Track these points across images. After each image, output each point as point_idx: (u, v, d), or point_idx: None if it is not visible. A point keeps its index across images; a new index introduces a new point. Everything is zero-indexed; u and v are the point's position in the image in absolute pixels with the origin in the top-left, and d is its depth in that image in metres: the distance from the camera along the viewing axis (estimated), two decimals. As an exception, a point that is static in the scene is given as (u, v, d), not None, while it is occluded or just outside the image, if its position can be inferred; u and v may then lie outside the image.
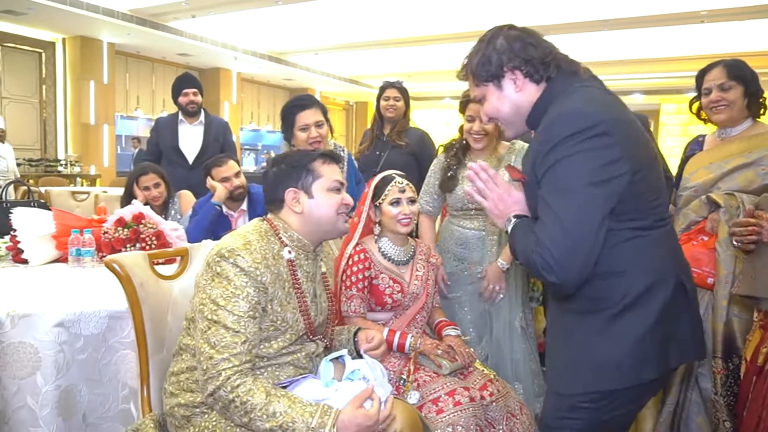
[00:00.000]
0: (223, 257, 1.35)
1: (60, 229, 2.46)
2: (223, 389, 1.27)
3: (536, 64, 1.32)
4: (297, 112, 2.30)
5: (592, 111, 1.21)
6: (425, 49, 11.14)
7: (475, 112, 2.22)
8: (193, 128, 3.78)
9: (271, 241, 1.45)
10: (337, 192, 1.50)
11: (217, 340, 1.30)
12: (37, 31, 9.61)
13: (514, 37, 1.34)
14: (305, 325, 1.46)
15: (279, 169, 1.50)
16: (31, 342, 1.68)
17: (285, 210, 1.49)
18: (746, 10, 7.63)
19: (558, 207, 1.18)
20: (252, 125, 14.34)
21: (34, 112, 10.00)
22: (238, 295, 1.32)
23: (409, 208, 1.96)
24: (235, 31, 10.31)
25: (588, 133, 1.17)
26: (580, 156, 1.17)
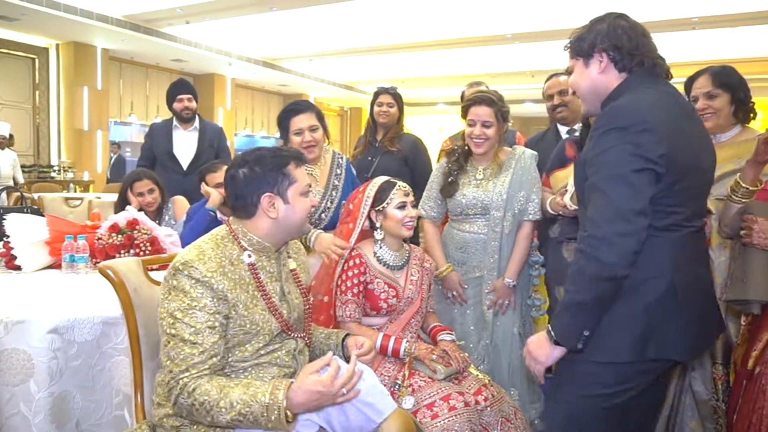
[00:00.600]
0: (178, 270, 1.35)
1: (53, 235, 2.45)
2: (182, 396, 1.29)
3: (623, 53, 1.41)
4: (291, 117, 2.31)
5: (644, 111, 1.32)
6: (419, 55, 11.19)
7: (476, 116, 2.21)
8: (187, 134, 3.78)
9: (228, 247, 1.44)
10: (306, 196, 1.49)
11: (176, 353, 1.30)
12: (31, 36, 9.59)
13: (616, 25, 1.43)
14: (279, 324, 1.45)
15: (251, 171, 1.44)
16: (24, 349, 1.67)
17: (258, 215, 1.45)
18: (737, 17, 7.71)
19: (610, 190, 1.28)
20: (246, 131, 14.34)
21: (27, 117, 9.97)
22: (194, 307, 1.32)
23: (414, 212, 1.99)
24: (230, 37, 10.33)
25: (633, 129, 1.29)
26: (626, 147, 1.28)
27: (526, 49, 10.36)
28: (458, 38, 9.85)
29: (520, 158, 2.30)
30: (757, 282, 1.56)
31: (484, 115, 2.20)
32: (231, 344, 1.39)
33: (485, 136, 2.22)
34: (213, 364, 1.32)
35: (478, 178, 2.30)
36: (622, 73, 1.43)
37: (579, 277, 1.31)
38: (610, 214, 1.27)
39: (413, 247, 2.14)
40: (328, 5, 8.06)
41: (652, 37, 1.46)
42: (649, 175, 1.28)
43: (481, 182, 2.29)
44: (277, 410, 1.24)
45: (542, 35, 9.32)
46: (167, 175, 3.51)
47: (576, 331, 1.33)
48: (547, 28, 8.96)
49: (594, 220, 1.30)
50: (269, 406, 1.24)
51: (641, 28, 1.45)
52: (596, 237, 1.28)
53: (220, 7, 8.30)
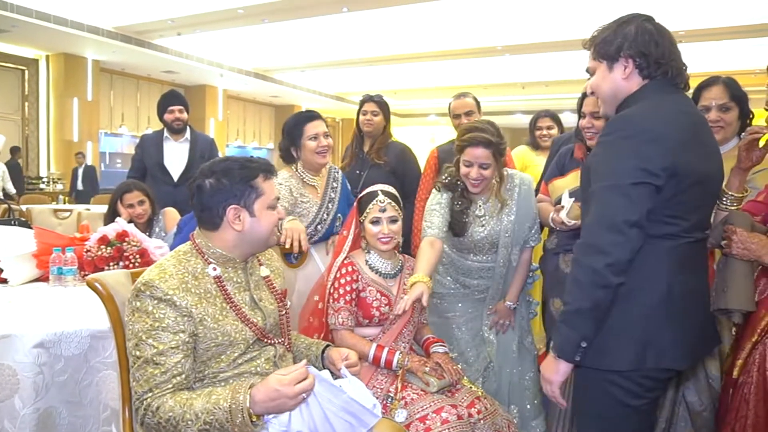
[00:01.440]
0: (140, 291, 1.34)
1: (41, 247, 2.42)
2: (147, 416, 1.28)
3: (650, 60, 1.38)
4: (306, 123, 2.36)
5: (653, 121, 1.31)
6: (410, 66, 11.27)
7: (473, 157, 2.06)
8: (178, 145, 3.76)
9: (191, 262, 1.42)
10: (274, 209, 1.46)
11: (141, 374, 1.30)
12: (21, 48, 9.56)
13: (644, 30, 1.39)
14: (254, 332, 1.44)
15: (218, 182, 1.41)
16: (9, 364, 1.64)
17: (223, 227, 1.43)
18: (725, 30, 7.84)
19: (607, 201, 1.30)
20: (238, 142, 14.34)
21: (16, 129, 9.92)
22: (157, 328, 1.31)
23: (389, 228, 1.93)
24: (221, 49, 10.35)
25: (639, 138, 1.29)
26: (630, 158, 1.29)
27: (516, 60, 10.46)
28: (449, 50, 9.94)
29: (519, 187, 2.21)
30: (737, 291, 1.56)
31: (482, 157, 2.05)
32: (205, 357, 1.38)
33: (482, 177, 2.09)
34: (177, 383, 1.31)
35: (479, 215, 2.20)
36: (645, 80, 1.41)
37: (575, 286, 1.32)
38: (605, 223, 1.28)
39: (406, 257, 2.13)
40: (319, 17, 8.11)
41: (677, 42, 1.44)
42: (648, 188, 1.28)
43: (484, 218, 2.20)
44: (240, 413, 1.24)
45: (532, 47, 9.43)
46: (158, 187, 3.49)
47: (574, 342, 1.33)
48: (536, 41, 9.07)
49: (589, 229, 1.32)
50: (232, 410, 1.24)
51: (669, 34, 1.42)
52: (589, 245, 1.30)
53: (212, 19, 8.33)
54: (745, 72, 9.92)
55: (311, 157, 2.35)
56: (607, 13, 6.42)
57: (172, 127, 3.70)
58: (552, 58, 9.84)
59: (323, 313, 1.98)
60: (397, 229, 1.96)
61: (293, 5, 7.60)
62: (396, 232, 1.96)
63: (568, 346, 1.34)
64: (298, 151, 2.37)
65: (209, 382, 1.38)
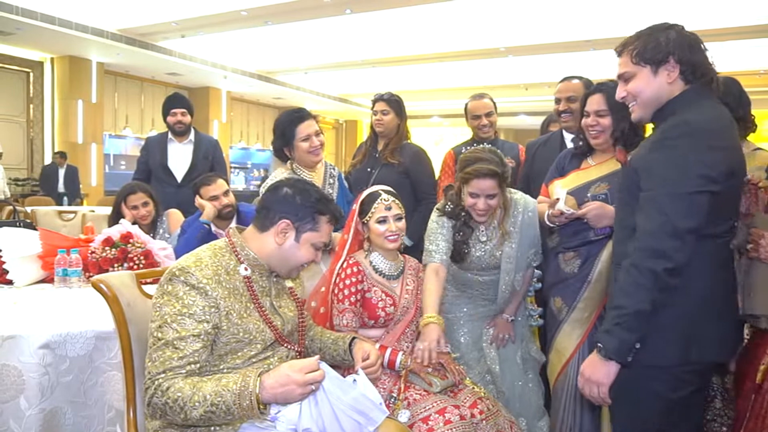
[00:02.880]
0: (174, 275, 1.38)
1: (46, 249, 2.43)
2: (156, 396, 1.30)
3: (695, 67, 1.44)
4: (297, 124, 2.37)
5: (714, 128, 1.37)
6: (413, 68, 11.26)
7: (479, 189, 2.03)
8: (182, 147, 3.79)
9: (225, 257, 1.47)
10: (317, 250, 1.53)
11: (157, 355, 1.33)
12: (26, 50, 9.60)
13: (686, 35, 1.45)
14: (273, 334, 1.48)
15: (292, 196, 1.50)
16: (15, 365, 1.65)
17: (269, 233, 1.49)
18: (725, 31, 7.80)
19: (669, 207, 1.35)
20: (241, 144, 14.36)
21: (21, 131, 9.96)
22: (184, 314, 1.35)
23: (396, 225, 1.95)
24: (225, 51, 10.37)
25: (703, 143, 1.34)
26: (692, 166, 1.34)
27: (520, 62, 10.44)
28: (452, 52, 9.93)
29: (523, 214, 2.17)
30: (763, 296, 1.54)
31: (489, 189, 2.02)
32: (223, 351, 1.41)
33: (489, 207, 2.06)
34: (190, 370, 1.33)
35: (482, 240, 2.16)
36: (687, 84, 1.45)
37: (634, 289, 1.36)
38: (668, 230, 1.34)
39: (408, 257, 2.13)
40: (322, 19, 8.12)
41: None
42: (708, 196, 1.34)
43: (487, 244, 2.16)
44: (249, 396, 1.26)
45: (535, 49, 9.41)
46: (162, 188, 3.51)
47: (630, 344, 1.38)
48: (539, 42, 9.05)
49: (650, 233, 1.36)
50: (241, 392, 1.26)
51: (701, 41, 1.48)
52: (651, 249, 1.35)
53: (216, 21, 8.34)
54: (750, 72, 9.91)
55: (305, 156, 2.40)
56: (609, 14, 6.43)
57: (174, 130, 3.74)
58: (555, 59, 9.82)
59: (325, 318, 1.97)
60: (402, 227, 1.98)
61: (296, 7, 7.61)
62: (402, 230, 1.97)
63: (624, 347, 1.38)
64: (291, 151, 2.40)
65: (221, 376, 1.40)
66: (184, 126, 3.74)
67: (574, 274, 2.10)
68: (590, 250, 2.07)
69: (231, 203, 2.85)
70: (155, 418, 1.37)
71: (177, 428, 1.38)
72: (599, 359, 1.42)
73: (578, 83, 2.70)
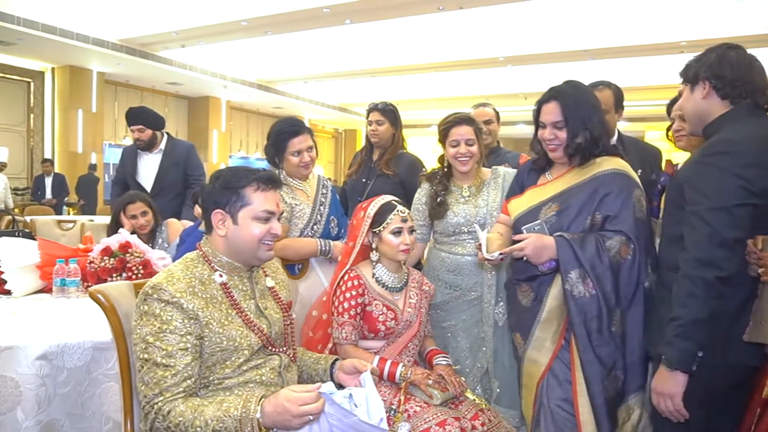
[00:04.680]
0: (147, 294, 1.36)
1: (45, 258, 2.42)
2: (157, 420, 1.28)
3: (725, 81, 1.54)
4: (290, 138, 2.34)
5: (751, 145, 1.45)
6: (412, 77, 11.31)
7: (459, 135, 2.27)
8: (152, 157, 3.82)
9: (198, 269, 1.45)
10: (264, 222, 1.45)
11: (150, 377, 1.31)
12: (26, 60, 9.64)
13: (723, 56, 1.57)
14: (259, 338, 1.45)
15: (212, 187, 1.47)
16: (12, 376, 1.63)
17: (213, 231, 1.47)
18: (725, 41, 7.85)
19: (714, 220, 1.43)
20: (241, 153, 14.38)
21: (21, 140, 9.98)
22: (165, 330, 1.32)
23: (410, 238, 1.96)
24: (225, 60, 10.42)
25: (741, 160, 1.43)
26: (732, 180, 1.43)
27: (519, 71, 10.49)
28: (451, 61, 9.98)
29: (505, 175, 2.36)
30: None
31: (466, 134, 2.27)
32: (210, 362, 1.39)
33: (470, 153, 2.28)
34: (187, 387, 1.32)
35: (465, 196, 2.34)
36: (725, 100, 1.56)
37: (687, 299, 1.44)
38: (715, 240, 1.42)
39: (412, 269, 2.12)
40: (322, 29, 8.16)
41: (762, 68, 1.58)
42: (750, 209, 1.42)
43: (469, 199, 2.33)
44: (250, 423, 1.24)
45: (534, 58, 9.46)
46: None
47: (692, 353, 1.44)
48: (538, 51, 9.09)
49: (697, 244, 1.45)
50: (242, 419, 1.25)
51: (749, 60, 1.57)
52: (701, 259, 1.43)
53: (216, 31, 8.39)
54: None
55: (294, 170, 2.39)
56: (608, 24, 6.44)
57: (136, 145, 3.80)
58: (554, 69, 9.86)
59: (328, 324, 1.97)
60: (414, 240, 1.99)
61: (296, 17, 7.65)
62: (413, 242, 1.99)
63: (687, 357, 1.44)
64: (281, 162, 2.39)
65: (214, 389, 1.39)
66: (144, 142, 3.75)
67: (528, 309, 1.88)
68: (540, 285, 1.84)
69: (230, 213, 2.84)
70: None
71: None
72: (666, 371, 1.48)
73: (608, 91, 2.65)
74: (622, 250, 1.71)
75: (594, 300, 1.69)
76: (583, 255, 1.70)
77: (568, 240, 1.72)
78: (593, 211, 1.77)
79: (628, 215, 1.73)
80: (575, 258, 1.70)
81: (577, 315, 1.69)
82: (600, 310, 1.68)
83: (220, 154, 13.00)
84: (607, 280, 1.70)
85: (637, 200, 1.76)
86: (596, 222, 1.77)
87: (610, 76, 3.38)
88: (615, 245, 1.71)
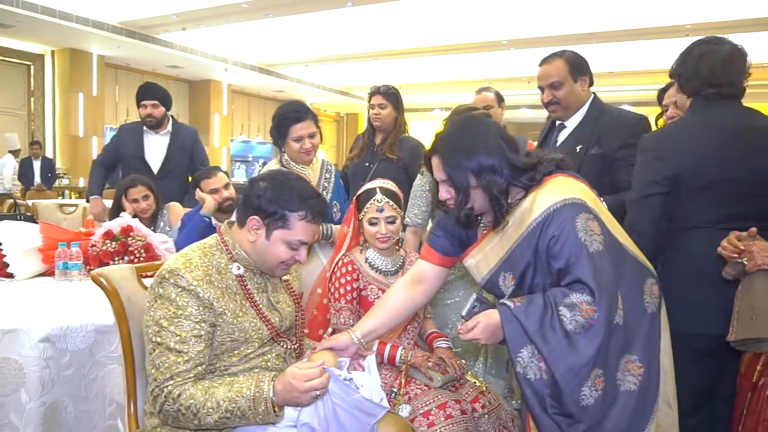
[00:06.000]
0: (164, 278, 1.35)
1: (47, 242, 2.43)
2: (167, 404, 1.29)
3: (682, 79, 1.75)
4: (292, 124, 2.34)
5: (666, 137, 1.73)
6: (415, 61, 11.22)
7: None
8: (159, 138, 3.66)
9: (216, 256, 1.44)
10: (292, 249, 1.43)
11: (161, 361, 1.31)
12: (26, 43, 9.58)
13: (687, 52, 1.74)
14: (270, 331, 1.46)
15: (263, 190, 1.41)
16: (15, 358, 1.65)
17: (244, 229, 1.44)
18: (729, 24, 7.76)
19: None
20: (242, 137, 14.33)
21: (22, 124, 9.95)
22: (180, 315, 1.32)
23: (387, 228, 1.91)
24: (226, 43, 10.34)
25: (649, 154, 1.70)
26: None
27: (522, 55, 10.39)
28: (454, 44, 9.89)
29: None
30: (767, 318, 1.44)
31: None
32: (219, 351, 1.39)
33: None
34: (198, 373, 1.33)
35: None
36: (689, 97, 1.73)
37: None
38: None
39: (409, 252, 2.12)
40: (323, 11, 8.08)
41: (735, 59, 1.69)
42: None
43: None
44: (264, 402, 1.26)
45: (537, 41, 9.36)
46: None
47: None
48: (541, 35, 9.00)
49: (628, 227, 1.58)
50: (256, 398, 1.27)
51: (723, 54, 1.68)
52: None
53: (216, 14, 8.31)
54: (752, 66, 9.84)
55: (295, 155, 2.39)
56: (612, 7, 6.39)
57: (145, 123, 3.59)
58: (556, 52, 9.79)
59: (327, 309, 1.98)
60: (395, 229, 1.93)
61: (297, 0, 7.58)
62: (394, 232, 1.94)
63: None
64: (283, 146, 2.40)
65: (219, 374, 1.40)
66: (155, 120, 3.57)
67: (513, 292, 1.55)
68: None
69: (231, 196, 2.84)
70: (167, 425, 1.35)
71: (172, 429, 1.37)
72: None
73: (560, 61, 2.36)
74: (582, 311, 1.31)
75: (549, 384, 1.33)
76: (531, 325, 1.33)
77: (510, 309, 1.37)
78: (547, 268, 1.40)
79: (580, 257, 1.33)
80: (523, 332, 1.34)
81: (536, 405, 1.35)
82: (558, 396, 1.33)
83: (221, 137, 12.96)
84: (563, 360, 1.31)
85: (584, 230, 1.35)
86: (555, 280, 1.41)
87: (615, 60, 3.35)
88: (571, 307, 1.32)
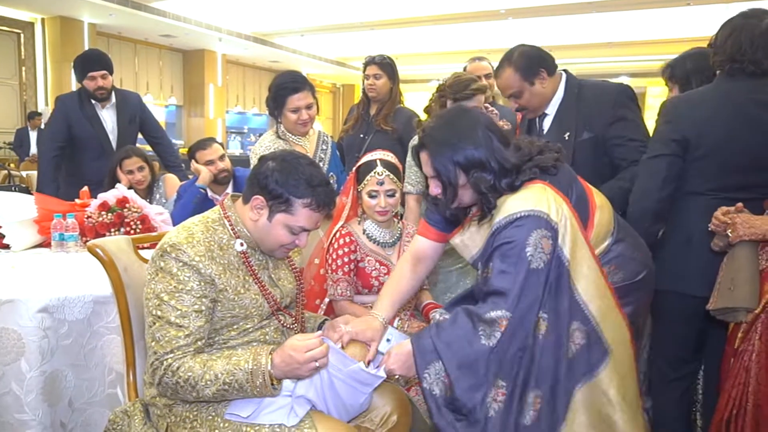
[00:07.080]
0: (166, 252, 1.34)
1: (42, 213, 2.42)
2: (166, 376, 1.29)
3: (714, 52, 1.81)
4: (289, 95, 2.33)
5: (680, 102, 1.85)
6: (411, 30, 11.06)
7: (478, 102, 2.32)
8: (106, 112, 3.32)
9: (218, 231, 1.42)
10: (293, 233, 1.42)
11: (161, 335, 1.31)
12: (15, 11, 9.37)
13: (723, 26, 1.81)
14: (270, 307, 1.46)
15: (272, 170, 1.38)
16: (14, 328, 1.66)
17: (248, 205, 1.42)
18: (732, -7, 7.65)
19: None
20: (238, 108, 14.19)
21: (14, 94, 9.80)
22: (181, 290, 1.32)
23: (387, 201, 1.91)
24: (220, 12, 10.14)
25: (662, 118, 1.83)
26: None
27: (520, 25, 10.25)
28: (451, 14, 9.72)
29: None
30: (744, 289, 1.53)
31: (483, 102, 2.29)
32: (218, 326, 1.40)
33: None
34: (197, 347, 1.33)
35: None
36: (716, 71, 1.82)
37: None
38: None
39: (407, 223, 2.13)
40: (319, -21, 7.92)
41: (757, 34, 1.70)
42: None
43: None
44: (261, 375, 1.27)
45: (535, 11, 9.22)
46: (92, 162, 3.22)
47: None
48: (540, 4, 8.86)
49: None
50: (253, 371, 1.27)
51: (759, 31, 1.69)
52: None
53: (210, -19, 8.14)
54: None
55: (292, 126, 2.38)
56: (613, -26, 6.04)
57: (95, 96, 3.23)
58: (556, 22, 9.64)
59: (324, 280, 2.00)
60: (394, 203, 1.94)
61: (292, -33, 7.43)
62: (393, 205, 1.94)
63: None
64: (280, 116, 2.39)
65: (218, 348, 1.40)
66: (106, 91, 3.24)
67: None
68: None
69: (227, 168, 2.84)
70: (165, 396, 1.37)
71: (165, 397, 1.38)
72: None
73: (509, 71, 2.23)
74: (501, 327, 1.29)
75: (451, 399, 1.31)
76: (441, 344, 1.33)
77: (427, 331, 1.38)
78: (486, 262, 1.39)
79: (519, 270, 1.30)
80: (433, 348, 1.32)
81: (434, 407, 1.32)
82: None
83: (216, 109, 12.83)
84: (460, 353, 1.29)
85: (534, 246, 1.31)
86: (483, 277, 1.40)
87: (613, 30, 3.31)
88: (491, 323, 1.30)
